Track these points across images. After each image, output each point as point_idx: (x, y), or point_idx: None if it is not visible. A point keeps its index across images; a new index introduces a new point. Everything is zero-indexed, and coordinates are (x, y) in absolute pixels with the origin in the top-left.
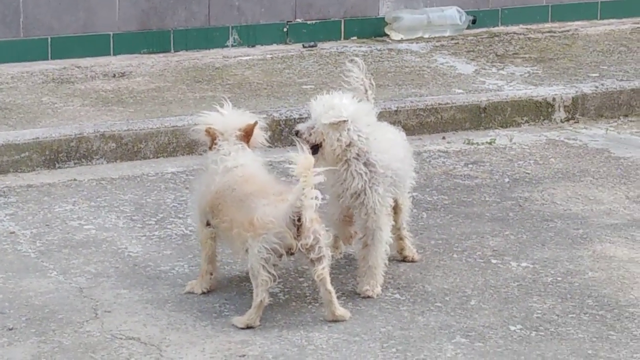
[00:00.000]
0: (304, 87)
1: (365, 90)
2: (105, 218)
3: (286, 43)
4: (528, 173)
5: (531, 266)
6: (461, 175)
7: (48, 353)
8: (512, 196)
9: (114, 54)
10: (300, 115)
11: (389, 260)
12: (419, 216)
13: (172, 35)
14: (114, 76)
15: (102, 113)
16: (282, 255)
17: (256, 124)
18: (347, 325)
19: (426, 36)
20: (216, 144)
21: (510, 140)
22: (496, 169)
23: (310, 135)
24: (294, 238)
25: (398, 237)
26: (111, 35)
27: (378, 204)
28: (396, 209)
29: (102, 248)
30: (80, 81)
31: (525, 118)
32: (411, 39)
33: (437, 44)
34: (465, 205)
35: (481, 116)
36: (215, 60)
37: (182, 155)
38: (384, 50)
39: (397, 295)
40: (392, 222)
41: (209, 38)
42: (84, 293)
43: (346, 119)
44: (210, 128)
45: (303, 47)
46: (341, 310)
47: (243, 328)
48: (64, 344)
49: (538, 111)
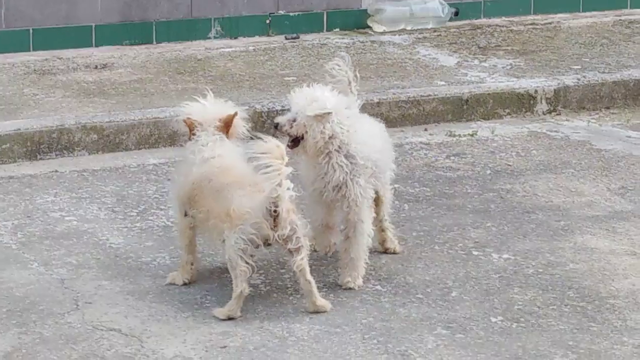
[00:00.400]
0: (286, 79)
1: (349, 82)
2: (86, 209)
3: (269, 35)
4: (510, 165)
5: (512, 258)
6: (443, 167)
7: (29, 344)
8: (494, 188)
9: (96, 46)
10: (282, 106)
11: (371, 252)
12: (401, 208)
13: (155, 26)
14: (96, 67)
15: (84, 104)
16: (259, 245)
17: (235, 115)
18: (329, 316)
19: (409, 28)
20: (194, 135)
21: (492, 132)
22: (478, 161)
23: (291, 127)
24: (271, 229)
25: (380, 229)
26: (93, 26)
27: (360, 196)
28: (377, 201)
29: (84, 239)
30: (62, 72)
31: (507, 110)
32: (394, 31)
33: (420, 36)
34: (447, 197)
35: (463, 108)
36: (197, 51)
37: (164, 146)
38: (367, 42)
39: (379, 286)
40: (374, 214)
41: (192, 30)
42: (65, 284)
43: (331, 111)
44: (188, 118)
45: (285, 39)
46: (322, 300)
47: (224, 319)
48: (45, 335)
49: (520, 103)
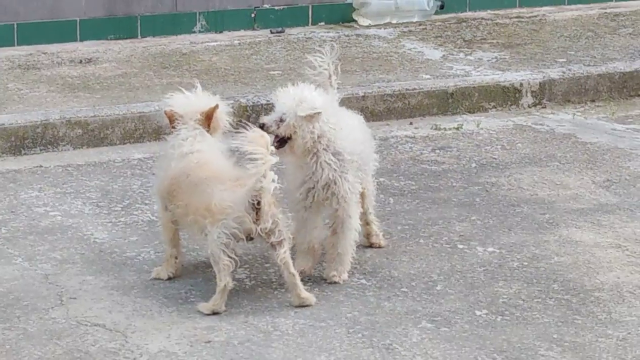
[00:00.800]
0: (272, 73)
1: (329, 75)
2: (71, 204)
3: (254, 29)
4: (495, 158)
5: (497, 251)
6: (428, 160)
7: (13, 340)
8: (479, 181)
9: (81, 40)
10: (267, 101)
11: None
12: (386, 202)
13: (139, 21)
14: (81, 62)
15: (69, 99)
16: (242, 240)
17: (216, 107)
18: (313, 310)
19: (394, 22)
20: (175, 128)
21: (477, 125)
22: (463, 154)
23: (278, 128)
24: (253, 222)
25: (365, 223)
26: (78, 21)
27: (348, 192)
28: (362, 194)
29: (68, 234)
30: (46, 67)
31: (492, 103)
32: (379, 25)
33: (405, 30)
34: (432, 190)
35: (448, 102)
36: (182, 46)
37: (149, 141)
38: (352, 35)
39: (364, 280)
40: (360, 210)
41: (176, 24)
42: (50, 280)
43: (321, 111)
44: (169, 111)
45: (271, 33)
46: (306, 293)
47: (209, 314)
48: (29, 331)
49: (505, 96)
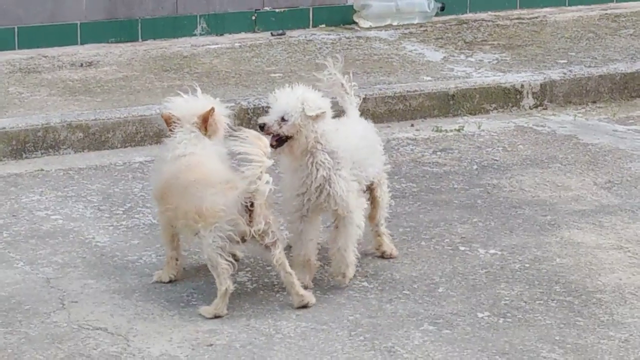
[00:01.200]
0: (273, 76)
1: (342, 85)
2: (72, 208)
3: (254, 31)
4: (496, 160)
5: (499, 253)
6: (429, 162)
7: (14, 344)
8: (481, 183)
9: (81, 44)
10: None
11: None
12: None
13: (140, 24)
14: (82, 66)
15: (70, 103)
16: (238, 242)
17: (212, 111)
18: (315, 313)
19: (395, 23)
20: (172, 131)
21: (478, 127)
22: (464, 156)
23: (280, 127)
24: (247, 224)
25: (376, 234)
26: (78, 24)
27: (344, 190)
28: (374, 203)
29: (69, 238)
30: (47, 71)
31: (493, 105)
32: (380, 27)
33: (406, 32)
34: (433, 192)
35: (450, 103)
36: (183, 49)
37: (150, 144)
38: (353, 38)
39: (365, 283)
40: (365, 206)
41: (177, 27)
42: (51, 283)
43: (325, 111)
44: (166, 114)
45: (271, 35)
46: (304, 291)
47: (211, 318)
48: (31, 335)
49: (506, 98)
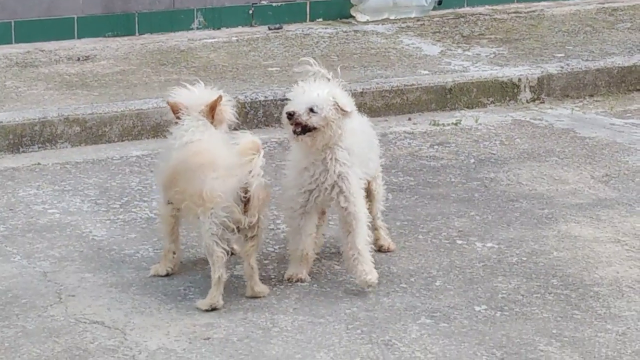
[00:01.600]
0: (270, 70)
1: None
2: (69, 202)
3: (251, 25)
4: (494, 154)
5: (496, 246)
6: (427, 156)
7: (11, 338)
8: (478, 177)
9: (78, 38)
10: (265, 97)
11: None
12: (385, 198)
13: (137, 18)
14: (78, 60)
15: (67, 97)
16: (234, 230)
17: (220, 99)
18: (312, 307)
19: (392, 17)
20: (179, 119)
21: (476, 121)
22: (462, 150)
23: (309, 118)
24: (242, 213)
25: (373, 228)
26: (75, 18)
27: (356, 186)
28: (370, 197)
29: (67, 232)
30: (44, 65)
31: (491, 99)
32: (377, 21)
33: (403, 25)
34: (430, 186)
35: (447, 97)
36: (180, 43)
37: (147, 138)
38: (350, 32)
39: None
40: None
41: (174, 21)
42: (48, 277)
43: (354, 109)
44: (173, 101)
45: (269, 29)
46: (261, 286)
47: (207, 310)
48: (28, 329)
49: (504, 92)
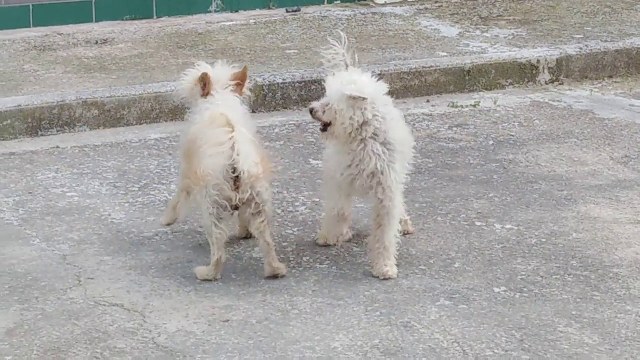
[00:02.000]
0: (288, 52)
1: (346, 66)
2: (88, 185)
3: (269, 8)
4: (512, 135)
5: (515, 228)
6: (445, 138)
7: (31, 320)
8: (497, 159)
9: (96, 21)
10: (283, 80)
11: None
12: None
13: (155, 1)
14: (97, 43)
15: (85, 80)
16: (230, 209)
17: (246, 69)
18: (332, 289)
19: None
20: (209, 93)
21: (494, 102)
22: (480, 132)
23: (324, 113)
24: (233, 190)
25: None
26: (93, 2)
27: (395, 182)
28: None
29: (86, 215)
30: (62, 48)
31: (509, 80)
32: (395, 3)
33: (421, 7)
34: (449, 168)
35: (465, 79)
36: (198, 26)
37: (165, 121)
38: (368, 14)
39: None
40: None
41: (192, 4)
42: (67, 260)
43: (366, 98)
44: (204, 74)
45: (286, 12)
46: (278, 263)
47: (203, 280)
48: (47, 312)
49: (522, 73)
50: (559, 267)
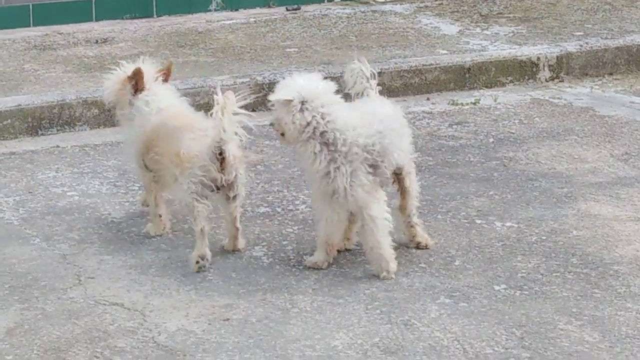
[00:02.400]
0: (288, 51)
1: (367, 79)
2: (88, 184)
3: (269, 6)
4: (512, 133)
5: (515, 226)
6: (446, 136)
7: (31, 320)
8: (497, 156)
9: (96, 20)
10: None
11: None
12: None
13: (155, 0)
14: (97, 42)
15: (85, 79)
16: (212, 189)
17: (171, 64)
18: (332, 287)
19: None
20: (144, 88)
21: (494, 100)
22: (481, 129)
23: (278, 124)
24: (219, 172)
25: (409, 225)
26: (93, 1)
27: (348, 185)
28: (403, 194)
29: (86, 214)
30: (62, 48)
31: (509, 78)
32: (395, 0)
33: (421, 5)
34: (449, 165)
35: (465, 77)
36: (198, 24)
37: None
38: (368, 12)
39: None
40: (384, 198)
41: (192, 2)
42: (67, 259)
43: (292, 99)
44: (139, 69)
45: (286, 10)
46: (242, 242)
47: (197, 262)
48: (47, 311)
49: (522, 71)
50: (559, 265)
